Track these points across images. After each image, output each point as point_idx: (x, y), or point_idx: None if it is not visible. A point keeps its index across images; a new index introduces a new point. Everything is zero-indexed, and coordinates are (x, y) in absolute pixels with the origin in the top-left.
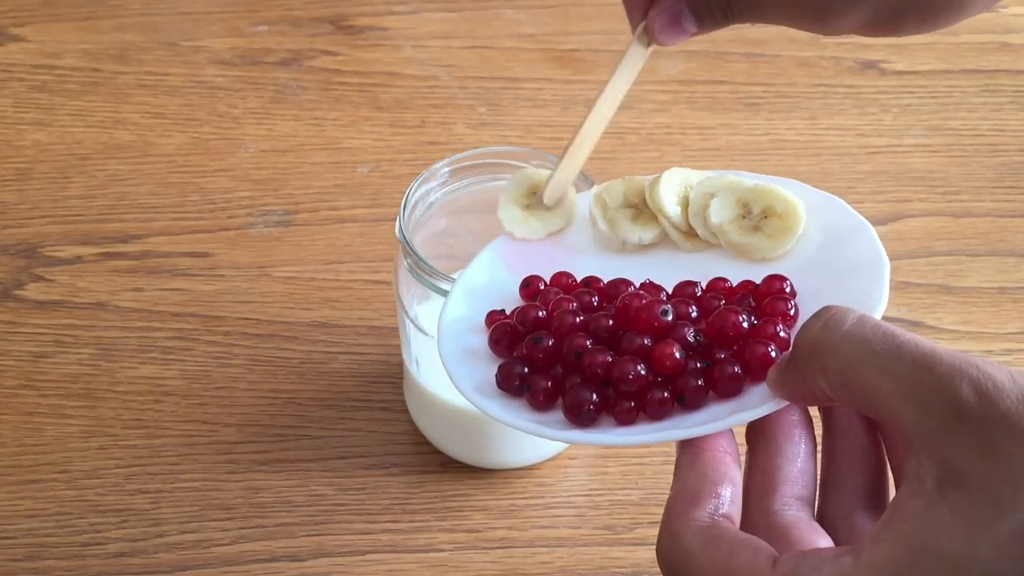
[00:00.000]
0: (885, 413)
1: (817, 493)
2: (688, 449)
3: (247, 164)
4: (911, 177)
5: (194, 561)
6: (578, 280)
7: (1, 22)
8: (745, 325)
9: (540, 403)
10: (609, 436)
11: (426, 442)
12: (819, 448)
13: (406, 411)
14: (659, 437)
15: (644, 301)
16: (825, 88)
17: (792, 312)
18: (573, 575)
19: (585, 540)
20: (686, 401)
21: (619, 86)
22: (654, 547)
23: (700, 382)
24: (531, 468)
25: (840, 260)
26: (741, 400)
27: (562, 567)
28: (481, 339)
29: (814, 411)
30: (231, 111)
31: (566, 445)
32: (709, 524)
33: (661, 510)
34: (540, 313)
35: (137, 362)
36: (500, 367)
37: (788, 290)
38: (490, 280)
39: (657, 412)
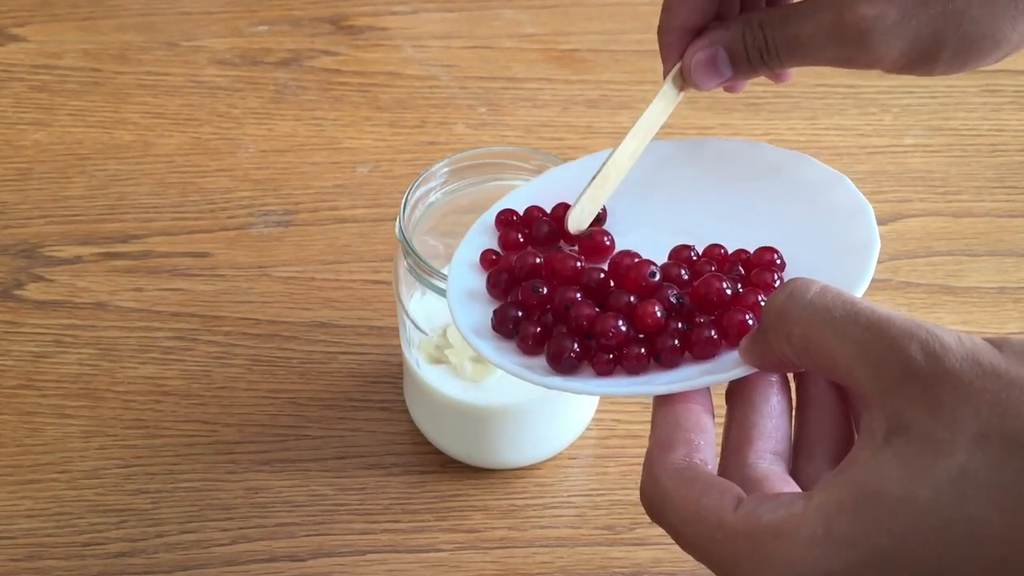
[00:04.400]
0: (843, 376)
1: (791, 454)
2: (662, 403)
3: (247, 164)
4: (911, 177)
5: (194, 561)
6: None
7: (1, 22)
8: (728, 292)
9: (529, 347)
10: (586, 385)
11: (426, 442)
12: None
13: (406, 411)
14: (634, 391)
15: (635, 260)
16: (825, 88)
17: (776, 284)
18: (573, 575)
19: (585, 540)
20: (661, 359)
21: (649, 124)
22: (654, 547)
23: (676, 342)
24: (531, 468)
25: (835, 237)
26: (715, 363)
27: (562, 567)
28: (484, 281)
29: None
30: (231, 111)
31: (566, 444)
32: (684, 466)
33: None
34: (538, 259)
35: (137, 362)
36: (496, 311)
37: (778, 261)
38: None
39: (633, 367)
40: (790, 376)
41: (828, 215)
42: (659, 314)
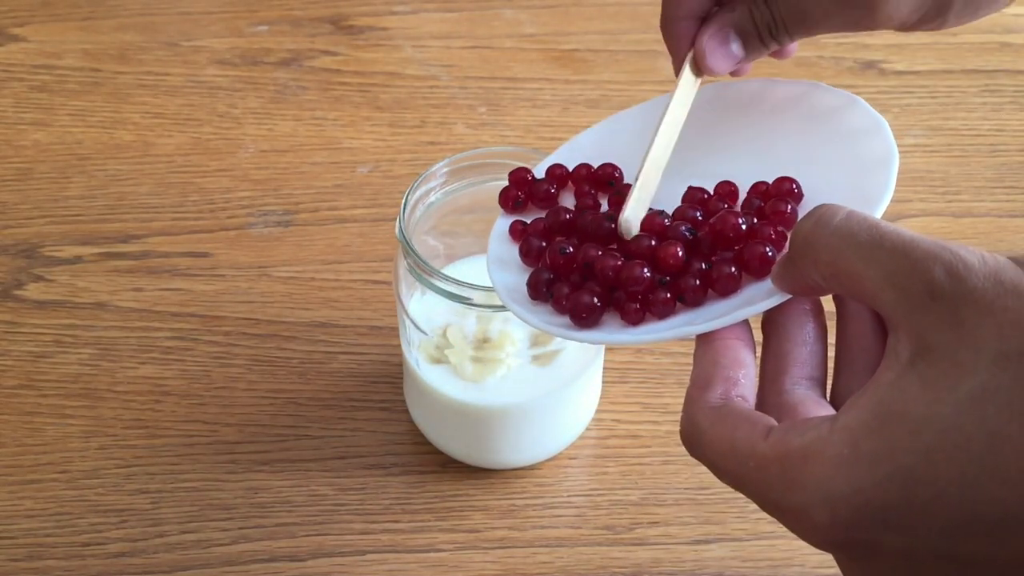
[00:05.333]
0: (870, 298)
1: (830, 376)
2: (703, 340)
3: (247, 164)
4: (911, 177)
5: (194, 561)
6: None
7: (1, 22)
8: (744, 227)
9: (563, 308)
10: (626, 335)
11: (426, 442)
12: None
13: (406, 411)
14: (673, 334)
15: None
16: None
17: (789, 211)
18: (573, 575)
19: (585, 540)
20: (686, 299)
21: (675, 116)
22: (654, 547)
23: (697, 282)
24: (531, 468)
25: (855, 157)
26: (749, 296)
27: (562, 567)
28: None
29: (828, 303)
30: (231, 111)
31: (566, 444)
32: (720, 404)
33: (661, 510)
34: (567, 216)
35: (137, 362)
36: (528, 278)
37: (796, 190)
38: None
39: (661, 311)
40: (828, 303)
41: (846, 137)
42: (680, 253)
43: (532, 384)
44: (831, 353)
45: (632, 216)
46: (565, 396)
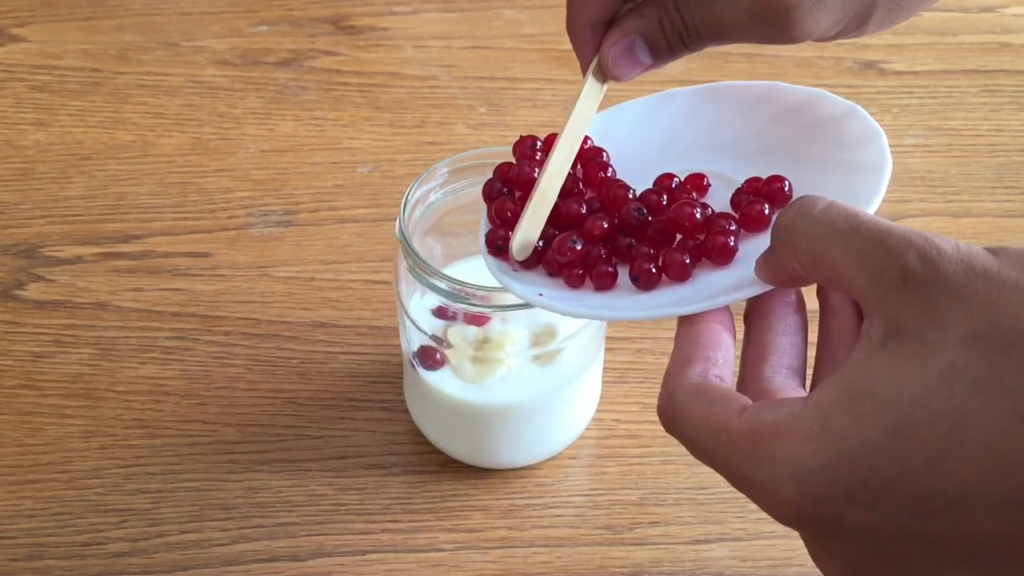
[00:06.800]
0: (846, 286)
1: (811, 367)
2: (684, 322)
3: (247, 164)
4: (911, 177)
5: (194, 561)
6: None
7: (1, 22)
8: (699, 217)
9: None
10: (604, 312)
11: (426, 442)
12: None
13: (406, 411)
14: (655, 313)
15: (616, 185)
16: (824, 88)
17: (765, 211)
18: (573, 575)
19: (585, 540)
20: (639, 281)
21: (577, 128)
22: (654, 547)
23: (652, 267)
24: (531, 468)
25: (848, 163)
26: (732, 283)
27: (562, 567)
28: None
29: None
30: (231, 111)
31: (566, 444)
32: (698, 382)
33: (661, 510)
34: (535, 170)
35: (137, 362)
36: (486, 234)
37: (786, 190)
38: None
39: (603, 284)
40: (812, 303)
41: (842, 144)
42: (605, 225)
43: (532, 384)
44: (812, 350)
45: (524, 239)
46: (565, 396)
